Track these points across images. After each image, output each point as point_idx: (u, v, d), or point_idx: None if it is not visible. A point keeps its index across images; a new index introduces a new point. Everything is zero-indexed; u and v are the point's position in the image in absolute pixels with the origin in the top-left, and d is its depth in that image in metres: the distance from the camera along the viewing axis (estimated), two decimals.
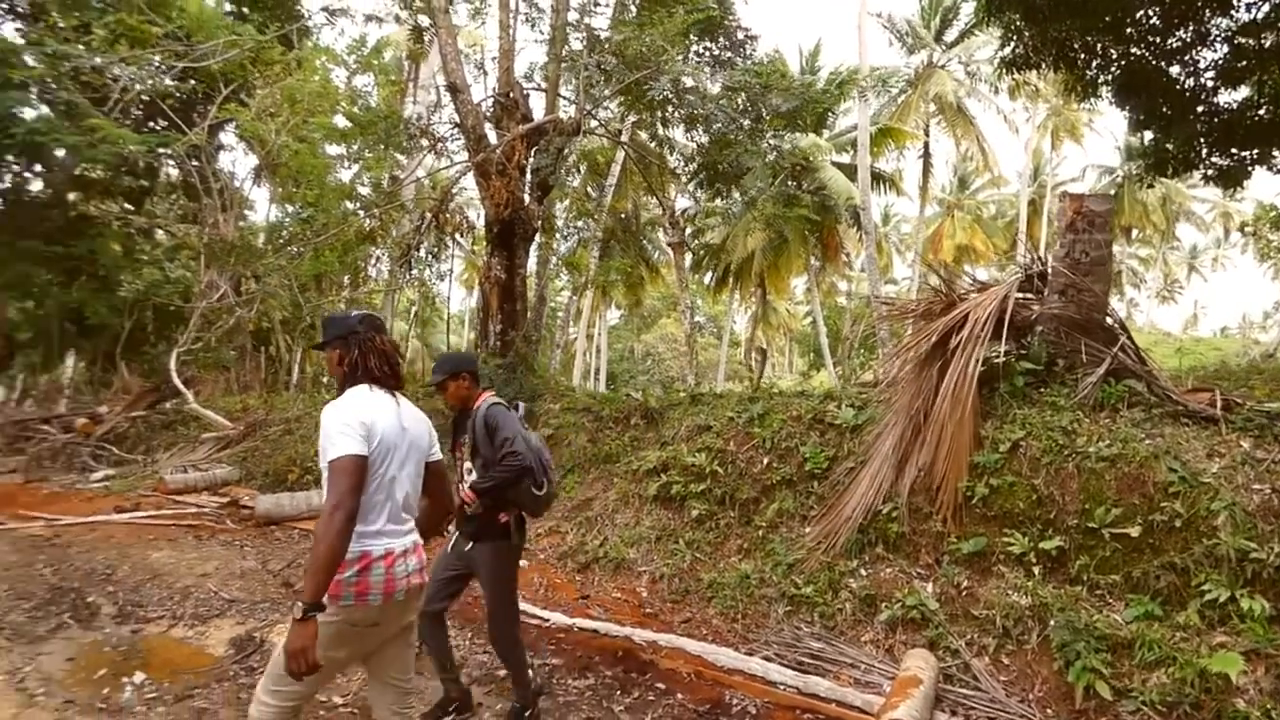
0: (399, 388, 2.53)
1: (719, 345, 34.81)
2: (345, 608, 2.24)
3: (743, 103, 9.68)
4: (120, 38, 11.59)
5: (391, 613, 2.37)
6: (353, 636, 2.33)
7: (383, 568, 2.30)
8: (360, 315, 2.58)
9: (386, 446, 2.34)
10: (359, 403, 2.34)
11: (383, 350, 2.48)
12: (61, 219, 16.34)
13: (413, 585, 2.40)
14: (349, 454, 2.20)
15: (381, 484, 2.33)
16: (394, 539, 2.37)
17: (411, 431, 2.47)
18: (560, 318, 22.94)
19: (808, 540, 5.36)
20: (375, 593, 2.28)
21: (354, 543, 2.22)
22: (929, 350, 5.40)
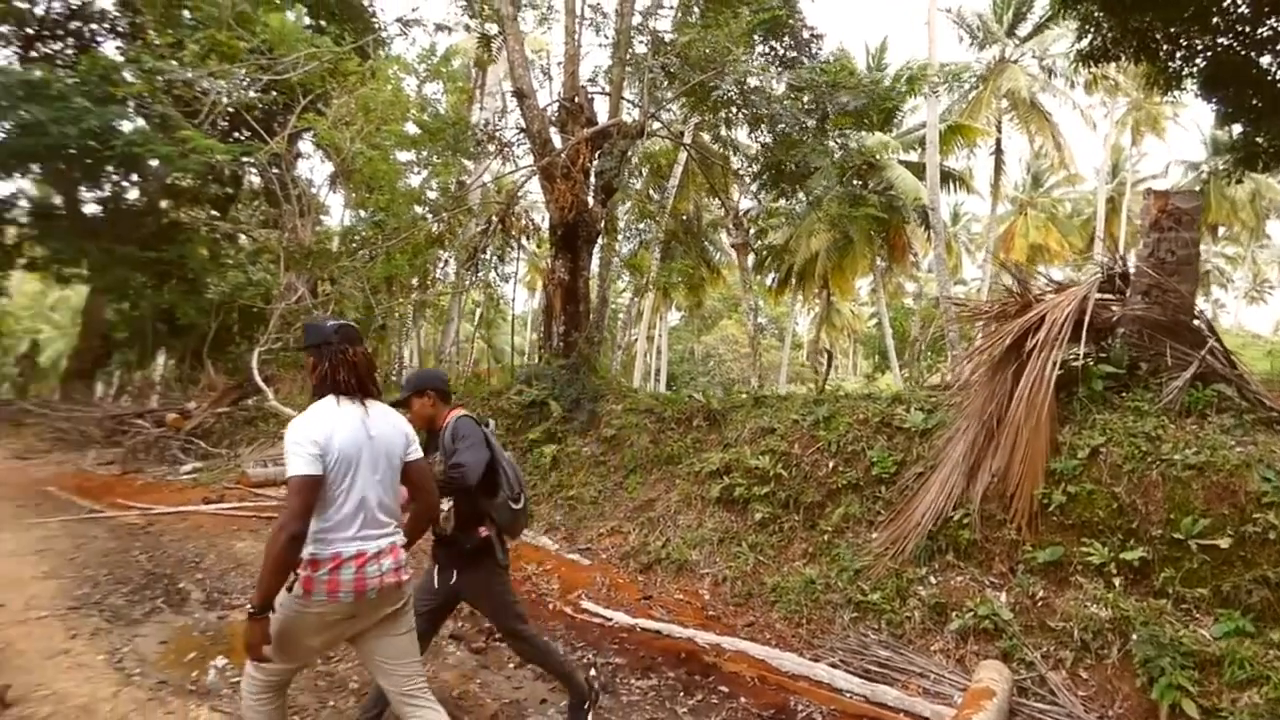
0: (370, 397, 2.63)
1: (781, 347, 34.42)
2: (317, 602, 2.43)
3: (808, 102, 9.57)
4: (211, 53, 12.23)
5: (364, 608, 2.52)
6: (326, 627, 2.51)
7: (354, 567, 2.45)
8: (335, 326, 2.67)
9: (346, 459, 2.46)
10: (317, 420, 2.48)
11: (353, 363, 2.59)
12: (155, 225, 17.38)
13: (386, 584, 2.52)
14: (299, 474, 2.36)
15: (349, 494, 2.48)
16: (367, 541, 2.50)
17: (381, 438, 2.58)
18: (621, 319, 23.09)
19: (875, 546, 5.27)
20: (346, 590, 2.44)
21: (327, 545, 2.44)
22: (1003, 353, 5.25)
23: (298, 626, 2.47)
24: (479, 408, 9.48)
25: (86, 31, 16.87)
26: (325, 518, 2.46)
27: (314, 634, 2.52)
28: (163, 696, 3.65)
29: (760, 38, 10.06)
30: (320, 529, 2.46)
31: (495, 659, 4.52)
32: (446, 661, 4.38)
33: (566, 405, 8.61)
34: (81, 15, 16.71)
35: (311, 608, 2.44)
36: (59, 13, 16.42)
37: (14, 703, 3.42)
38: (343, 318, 2.85)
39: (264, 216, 18.41)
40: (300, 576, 2.43)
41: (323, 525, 2.46)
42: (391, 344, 19.71)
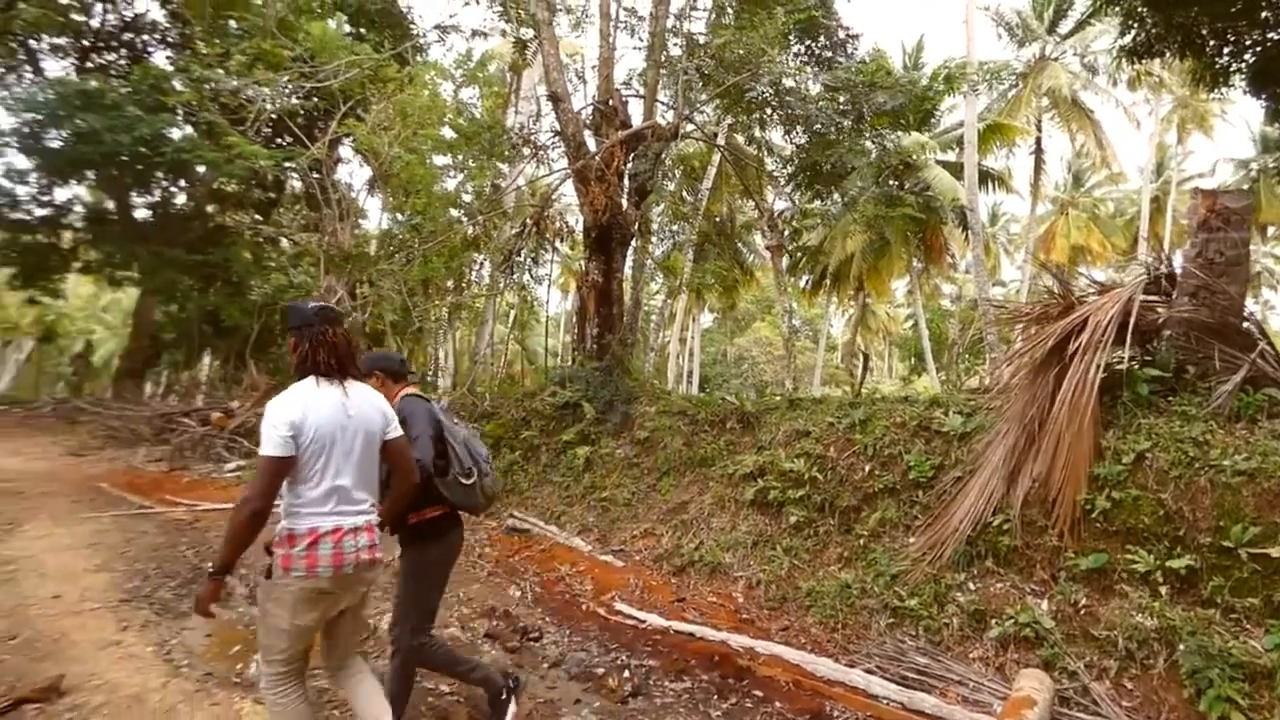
0: (349, 377, 2.71)
1: (815, 349, 34.12)
2: (298, 578, 2.49)
3: (844, 102, 9.50)
4: (257, 61, 12.55)
5: (343, 583, 2.60)
6: (312, 602, 2.56)
7: (330, 543, 2.53)
8: (316, 308, 2.74)
9: (322, 438, 2.55)
10: (293, 401, 2.55)
11: (332, 344, 2.67)
12: (201, 229, 17.89)
13: (362, 560, 2.60)
14: (267, 455, 2.47)
15: (325, 472, 2.56)
16: (344, 517, 2.58)
17: (359, 417, 2.67)
18: (654, 321, 23.09)
19: (912, 551, 5.20)
20: (324, 565, 2.51)
21: (303, 520, 2.52)
22: (1045, 355, 5.15)
23: (285, 607, 2.53)
24: (513, 408, 9.58)
25: (139, 43, 17.44)
26: (301, 494, 2.55)
27: (303, 612, 2.56)
28: (209, 688, 3.75)
29: (795, 38, 10.00)
30: (296, 505, 2.54)
31: (530, 658, 4.56)
32: (481, 660, 4.43)
33: (600, 407, 8.65)
34: (134, 27, 17.29)
35: (293, 584, 2.50)
36: (113, 25, 17.00)
37: (68, 691, 3.55)
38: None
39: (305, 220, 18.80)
40: (278, 556, 2.52)
41: (299, 501, 2.54)
42: (427, 346, 19.98)
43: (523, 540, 7.21)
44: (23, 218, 17.17)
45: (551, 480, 8.31)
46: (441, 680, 4.06)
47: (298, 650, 2.65)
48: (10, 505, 7.24)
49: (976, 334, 17.07)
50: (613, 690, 4.15)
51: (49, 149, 15.24)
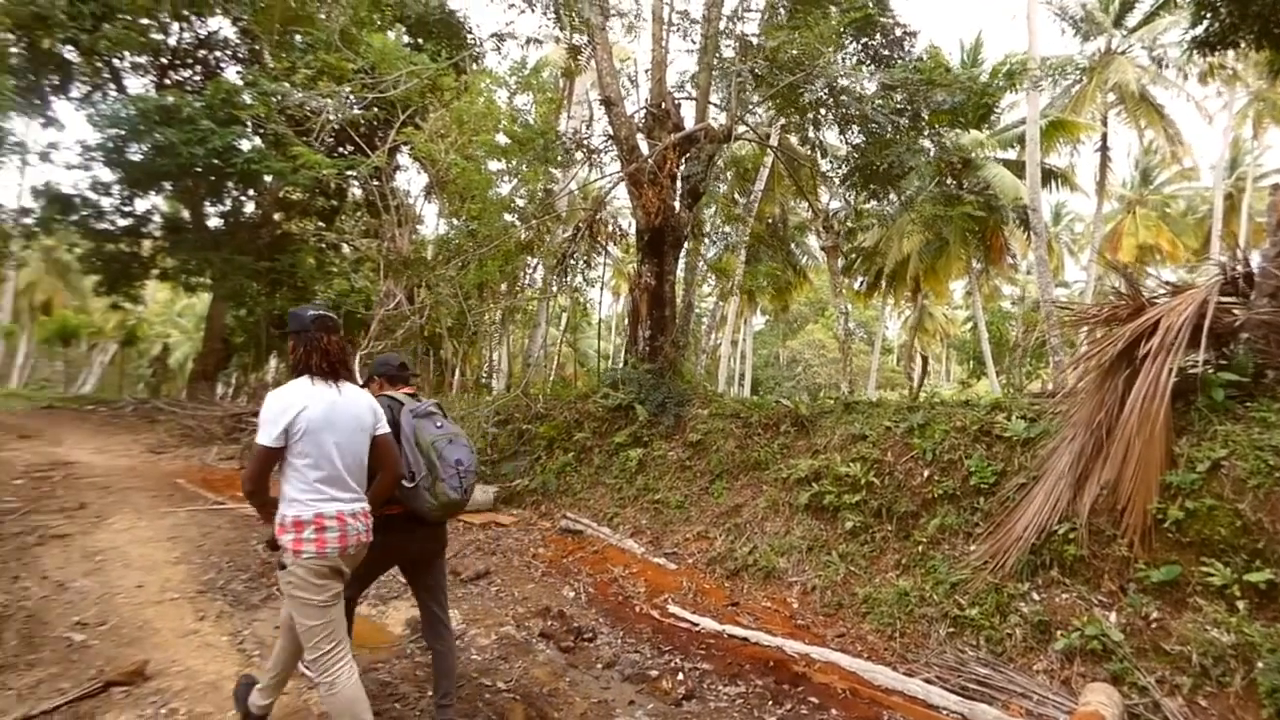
0: (339, 377, 2.97)
1: (870, 352, 33.53)
2: (309, 558, 2.77)
3: (901, 100, 9.33)
4: (322, 74, 12.99)
5: (346, 562, 2.88)
6: (324, 579, 2.82)
7: (336, 526, 2.81)
8: (314, 316, 3.01)
9: (315, 429, 2.81)
10: (288, 395, 2.85)
11: (325, 349, 2.95)
12: (269, 237, 18.58)
13: (362, 541, 2.91)
14: (261, 444, 2.77)
15: (319, 462, 2.83)
16: (343, 503, 2.87)
17: (350, 412, 2.94)
18: (705, 323, 23.03)
19: (973, 559, 5.09)
20: (331, 546, 2.79)
21: (307, 508, 2.79)
22: (1114, 359, 4.98)
23: (309, 586, 2.79)
24: (566, 410, 9.68)
25: (212, 59, 18.21)
26: (297, 483, 2.82)
27: (324, 585, 2.82)
28: None
29: (851, 36, 9.87)
30: (297, 494, 2.81)
31: (584, 658, 4.61)
32: (536, 659, 4.49)
33: (652, 409, 8.68)
34: (207, 44, 18.05)
35: (309, 564, 2.77)
36: (189, 43, 17.79)
37: (152, 676, 3.75)
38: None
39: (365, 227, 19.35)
40: (287, 543, 2.78)
41: (300, 490, 2.81)
42: (482, 349, 20.34)
43: (576, 541, 7.28)
44: (107, 228, 18.14)
45: (604, 482, 8.37)
46: (498, 678, 4.15)
47: (335, 622, 2.87)
48: (97, 499, 7.64)
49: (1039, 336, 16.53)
50: (666, 693, 4.17)
51: (130, 162, 16.06)
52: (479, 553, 6.89)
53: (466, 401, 13.43)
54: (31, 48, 15.43)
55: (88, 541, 6.11)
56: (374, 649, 4.48)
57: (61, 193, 17.51)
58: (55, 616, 4.48)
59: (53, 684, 3.62)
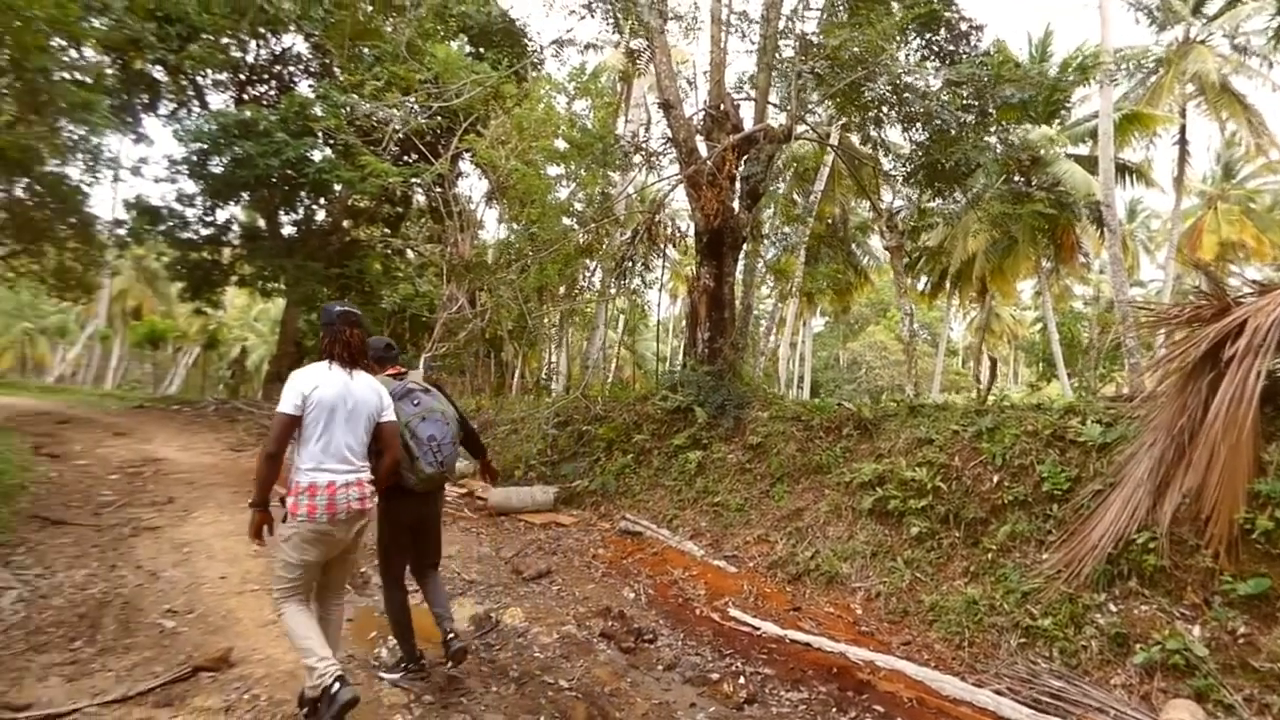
0: (356, 365, 3.40)
1: (934, 354, 32.69)
2: (301, 522, 3.15)
3: (967, 96, 9.10)
4: (390, 85, 13.42)
5: (338, 527, 3.22)
6: (314, 541, 3.20)
7: (326, 494, 3.17)
8: (340, 311, 3.45)
9: (325, 407, 3.21)
10: (308, 375, 3.28)
11: (347, 341, 3.37)
12: (338, 243, 19.27)
13: (353, 509, 3.24)
14: (281, 412, 3.17)
15: (324, 434, 3.21)
16: (337, 474, 3.22)
17: (359, 397, 3.34)
18: (764, 325, 22.85)
19: (1045, 568, 4.92)
20: (321, 512, 3.15)
21: (305, 475, 3.18)
22: (1196, 361, 4.75)
23: (296, 543, 3.19)
24: (625, 412, 9.75)
25: (286, 74, 19.01)
26: (304, 454, 3.22)
27: (310, 547, 3.21)
28: (350, 669, 4.02)
29: (914, 32, 9.67)
30: (301, 463, 3.21)
31: (645, 659, 4.63)
32: (598, 659, 4.53)
33: (711, 411, 8.66)
34: (282, 60, 18.85)
35: (301, 527, 3.17)
36: (265, 59, 18.62)
37: (236, 663, 3.93)
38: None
39: (429, 232, 19.88)
40: (289, 503, 3.18)
41: (302, 459, 3.21)
42: (541, 351, 20.63)
43: (635, 542, 7.32)
44: (191, 237, 19.14)
45: (663, 484, 8.39)
46: (560, 676, 4.21)
47: (301, 583, 3.27)
48: (184, 494, 8.04)
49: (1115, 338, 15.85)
50: (728, 696, 4.16)
51: (212, 174, 16.91)
52: (540, 552, 6.99)
53: (526, 403, 13.64)
54: (124, 69, 16.40)
55: (176, 534, 6.45)
56: (438, 644, 4.60)
57: (150, 204, 18.59)
58: (148, 604, 4.75)
59: (147, 667, 3.83)
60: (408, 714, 3.58)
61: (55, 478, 8.25)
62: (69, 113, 12.08)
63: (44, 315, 41.75)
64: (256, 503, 3.22)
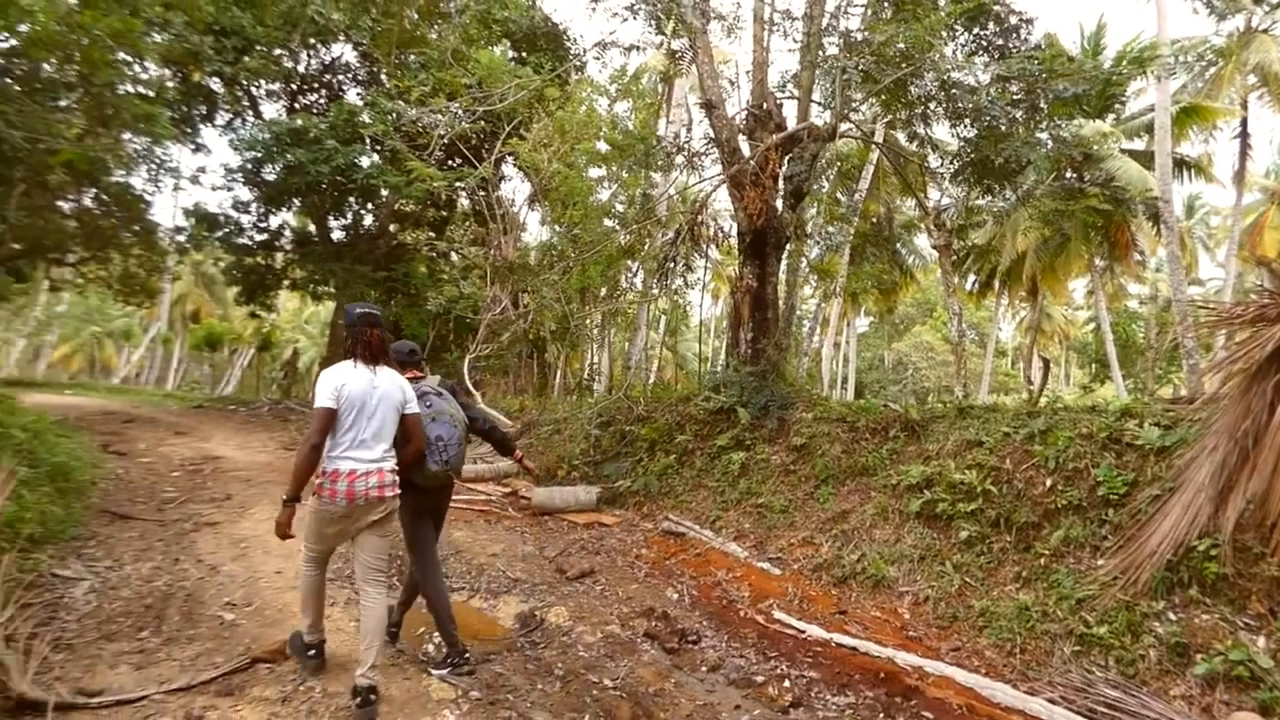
0: (378, 362, 3.69)
1: (982, 355, 31.96)
2: (325, 502, 3.50)
3: (1016, 91, 8.89)
4: (436, 91, 13.68)
5: (356, 511, 3.53)
6: (331, 521, 3.56)
7: (346, 481, 3.47)
8: (360, 313, 3.77)
9: (353, 401, 3.52)
10: (337, 372, 3.58)
11: (367, 340, 3.68)
12: (385, 247, 19.67)
13: (371, 496, 3.52)
14: (320, 406, 3.47)
15: (351, 425, 3.52)
16: (358, 463, 3.51)
17: (382, 391, 3.63)
18: (806, 325, 22.63)
19: (1101, 574, 4.79)
20: (340, 496, 3.46)
21: (331, 463, 3.49)
22: (1261, 362, 4.57)
23: (317, 520, 3.58)
24: (667, 413, 9.77)
25: (335, 82, 19.49)
26: (332, 444, 3.52)
27: (328, 525, 3.58)
28: (400, 664, 4.12)
29: (962, 26, 9.48)
30: (329, 451, 3.52)
31: (688, 660, 4.64)
32: (641, 659, 4.56)
33: (754, 412, 8.63)
34: (332, 69, 19.34)
35: (323, 506, 3.51)
36: (315, 69, 19.13)
37: (291, 655, 4.06)
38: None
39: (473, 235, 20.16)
40: (315, 485, 3.52)
41: (330, 449, 3.52)
42: (583, 351, 20.77)
43: (678, 543, 7.33)
44: (246, 243, 19.74)
45: (706, 485, 8.38)
46: (605, 675, 4.24)
47: (322, 551, 3.74)
48: (241, 491, 8.31)
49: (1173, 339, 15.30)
50: (773, 699, 4.14)
51: (266, 181, 17.44)
52: (583, 551, 7.05)
53: (569, 404, 13.74)
54: (184, 81, 17.01)
55: (234, 529, 6.67)
56: (485, 641, 4.67)
57: (208, 212, 19.22)
58: (209, 597, 4.92)
59: (208, 657, 3.98)
60: (456, 709, 3.65)
61: (122, 474, 8.61)
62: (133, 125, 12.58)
63: (110, 319, 43.66)
64: (290, 498, 3.51)
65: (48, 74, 10.81)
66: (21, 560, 4.48)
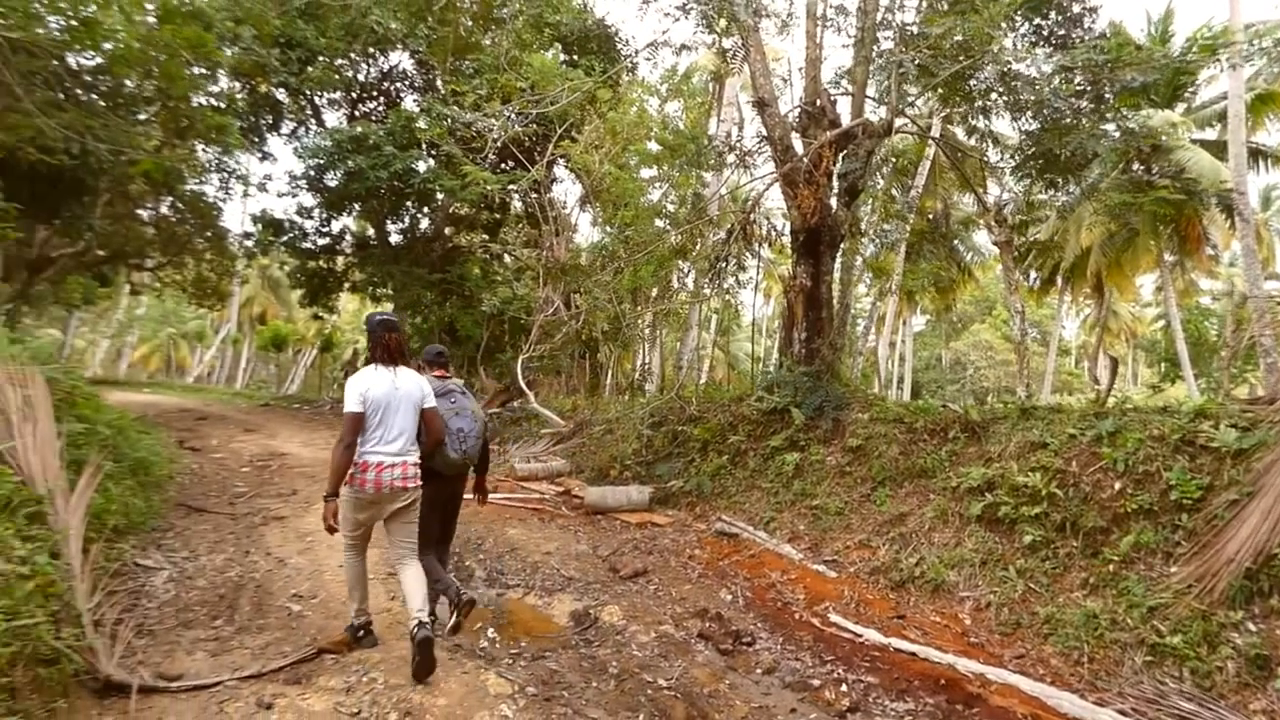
0: (397, 363, 4.12)
1: (1044, 354, 30.93)
2: (354, 490, 3.95)
3: (1080, 82, 8.59)
4: (491, 96, 13.93)
5: (383, 499, 3.99)
6: (361, 507, 4.01)
7: (374, 472, 3.92)
8: (379, 320, 4.25)
9: (377, 403, 3.96)
10: (362, 377, 4.03)
11: (386, 344, 4.12)
12: (440, 250, 20.10)
13: (395, 486, 3.97)
14: (349, 411, 3.92)
15: (378, 424, 3.96)
16: (384, 456, 3.95)
17: (403, 390, 4.06)
18: (861, 324, 22.26)
19: (1174, 581, 4.61)
20: (369, 485, 3.92)
21: (361, 456, 3.93)
22: None
23: (349, 506, 4.00)
24: (719, 413, 9.74)
25: (393, 90, 20.02)
26: (362, 440, 3.95)
27: (359, 510, 4.02)
28: (459, 658, 4.21)
29: (1022, 16, 9.20)
30: (360, 447, 3.94)
31: (743, 662, 4.63)
32: (695, 659, 4.56)
33: (808, 413, 8.54)
34: (390, 77, 19.87)
35: (354, 493, 3.96)
36: (374, 77, 19.69)
37: (355, 647, 4.20)
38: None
39: (525, 237, 20.45)
40: (348, 476, 3.94)
41: (361, 444, 3.94)
42: (635, 351, 20.84)
43: (731, 544, 7.31)
44: (309, 247, 20.50)
45: (759, 486, 8.33)
46: (659, 675, 4.27)
47: (358, 536, 4.13)
48: (305, 486, 8.63)
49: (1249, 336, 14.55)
50: (829, 704, 4.10)
51: (328, 187, 18.04)
52: (636, 551, 7.08)
53: (621, 404, 13.81)
54: (252, 93, 17.72)
55: (300, 524, 6.93)
56: (539, 638, 4.74)
57: (274, 218, 20.03)
58: (277, 588, 5.14)
59: (277, 647, 4.15)
60: (513, 704, 3.72)
61: (196, 469, 9.03)
62: (206, 135, 13.17)
63: (185, 321, 45.81)
64: (330, 494, 3.91)
65: (129, 89, 11.42)
66: (107, 550, 4.73)
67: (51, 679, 3.15)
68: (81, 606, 3.66)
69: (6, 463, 4.07)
